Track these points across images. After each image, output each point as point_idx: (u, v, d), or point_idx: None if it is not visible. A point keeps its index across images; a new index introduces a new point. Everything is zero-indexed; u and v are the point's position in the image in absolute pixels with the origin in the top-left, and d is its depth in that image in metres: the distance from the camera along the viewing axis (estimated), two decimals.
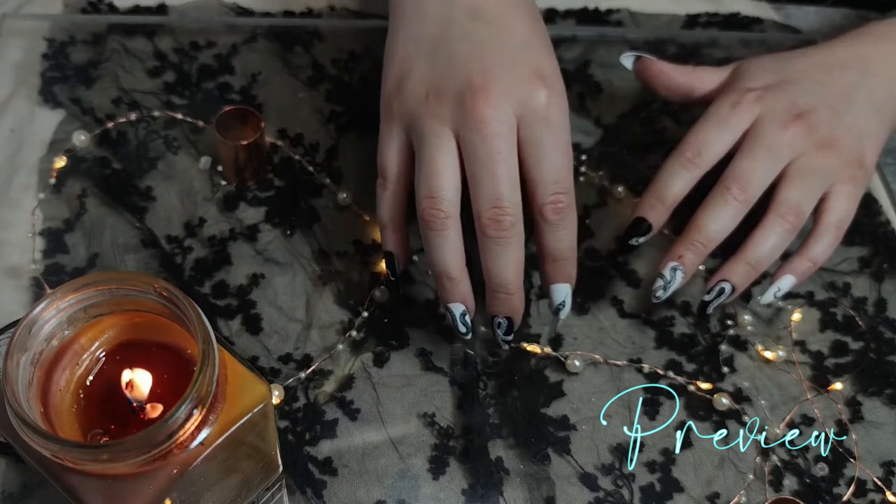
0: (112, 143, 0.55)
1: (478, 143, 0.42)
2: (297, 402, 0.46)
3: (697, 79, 0.53)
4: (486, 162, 0.42)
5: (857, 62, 0.51)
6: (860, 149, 0.50)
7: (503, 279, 0.44)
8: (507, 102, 0.43)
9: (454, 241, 0.44)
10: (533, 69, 0.44)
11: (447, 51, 0.45)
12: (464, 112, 0.43)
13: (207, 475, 0.32)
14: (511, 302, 0.45)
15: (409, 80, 0.45)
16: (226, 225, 0.52)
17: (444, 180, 0.43)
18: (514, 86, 0.43)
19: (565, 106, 0.45)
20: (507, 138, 0.43)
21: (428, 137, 0.44)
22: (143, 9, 0.62)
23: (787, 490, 0.46)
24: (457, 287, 0.45)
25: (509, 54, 0.44)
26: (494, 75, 0.43)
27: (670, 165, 0.50)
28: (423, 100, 0.44)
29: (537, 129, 0.43)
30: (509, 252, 0.43)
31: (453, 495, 0.44)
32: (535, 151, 0.44)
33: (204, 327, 0.30)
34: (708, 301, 0.49)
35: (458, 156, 0.43)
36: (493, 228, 0.43)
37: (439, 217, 0.43)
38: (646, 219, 0.49)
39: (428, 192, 0.43)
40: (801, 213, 0.48)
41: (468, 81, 0.43)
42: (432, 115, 0.44)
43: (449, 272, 0.44)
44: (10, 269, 0.49)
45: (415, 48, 0.46)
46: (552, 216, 0.44)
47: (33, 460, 0.30)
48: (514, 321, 0.45)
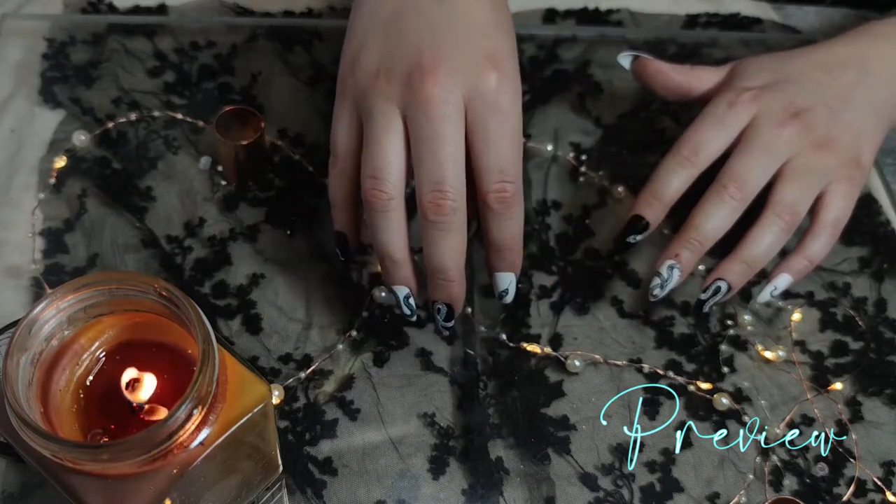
0: (112, 143, 0.55)
1: (423, 123, 0.42)
2: (297, 402, 0.46)
3: (695, 78, 0.53)
4: (430, 144, 0.41)
5: (855, 61, 0.51)
6: (857, 148, 0.50)
7: (442, 265, 0.43)
8: (454, 84, 0.42)
9: (397, 223, 0.43)
10: (485, 52, 0.43)
11: (401, 29, 0.44)
12: (411, 92, 0.42)
13: (207, 475, 0.32)
14: (450, 288, 0.44)
15: (362, 56, 0.44)
16: (226, 225, 0.52)
17: (388, 161, 0.42)
18: (464, 68, 0.42)
19: (517, 92, 0.44)
20: (453, 121, 0.42)
21: (375, 117, 0.43)
22: (143, 9, 0.62)
23: (787, 490, 0.46)
24: (399, 270, 0.44)
25: (462, 36, 0.43)
26: (444, 56, 0.42)
27: (667, 164, 0.50)
28: (374, 78, 0.43)
29: (485, 114, 0.42)
30: (449, 238, 0.42)
31: (453, 495, 0.44)
32: (481, 137, 0.42)
33: (204, 327, 0.30)
34: (704, 300, 0.49)
35: (406, 136, 0.43)
36: (433, 212, 0.42)
37: (381, 198, 0.42)
38: (643, 217, 0.50)
39: (372, 172, 0.43)
40: (796, 212, 0.48)
41: (417, 61, 0.42)
42: (381, 95, 0.43)
43: (391, 255, 0.44)
44: (10, 269, 0.49)
45: (371, 24, 0.45)
46: (496, 205, 0.43)
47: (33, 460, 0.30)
48: (454, 308, 0.45)
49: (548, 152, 0.58)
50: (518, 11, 0.65)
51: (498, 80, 0.42)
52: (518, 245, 0.45)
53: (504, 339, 0.49)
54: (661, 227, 0.54)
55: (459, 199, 0.42)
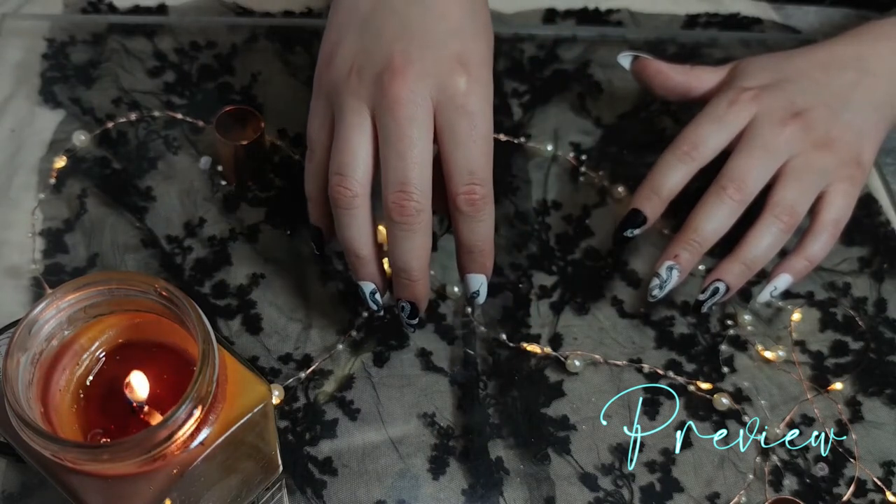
0: (112, 143, 0.55)
1: (390, 124, 0.42)
2: (297, 402, 0.46)
3: (695, 78, 0.53)
4: (397, 144, 0.42)
5: (855, 61, 0.51)
6: (858, 147, 0.50)
7: (405, 264, 0.43)
8: (423, 86, 0.42)
9: (362, 220, 0.43)
10: (456, 55, 0.43)
11: (376, 27, 0.44)
12: (380, 92, 0.42)
13: (207, 475, 0.32)
14: (413, 288, 0.44)
15: (338, 53, 0.45)
16: (226, 225, 0.52)
17: (354, 158, 0.43)
18: (434, 70, 0.42)
19: (487, 95, 0.44)
20: (421, 122, 0.42)
21: (345, 114, 0.43)
22: (143, 9, 0.62)
23: (787, 490, 0.46)
24: (365, 266, 0.45)
25: (436, 37, 0.43)
26: (414, 58, 0.42)
27: (666, 159, 0.50)
28: (346, 76, 0.43)
29: (453, 117, 0.42)
30: (413, 238, 0.43)
31: (453, 495, 0.44)
32: (450, 139, 0.42)
33: (204, 327, 0.30)
34: (703, 300, 0.49)
35: (374, 136, 0.43)
36: (397, 213, 0.42)
37: (346, 195, 0.43)
38: (641, 210, 0.50)
39: (338, 168, 0.43)
40: (796, 213, 0.48)
41: (389, 61, 0.42)
42: (352, 93, 0.43)
43: (357, 251, 0.44)
44: (10, 269, 0.49)
45: (347, 21, 0.45)
46: (465, 207, 0.43)
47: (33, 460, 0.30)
48: (419, 306, 0.45)
49: (548, 152, 0.58)
50: (518, 11, 0.65)
51: (467, 82, 0.42)
52: (488, 247, 0.45)
53: (504, 339, 0.49)
54: (661, 227, 0.54)
55: (424, 200, 0.42)
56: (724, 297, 0.49)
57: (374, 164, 0.43)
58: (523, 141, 0.58)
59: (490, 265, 0.46)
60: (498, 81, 0.61)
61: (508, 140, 0.58)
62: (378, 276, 0.45)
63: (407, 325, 0.46)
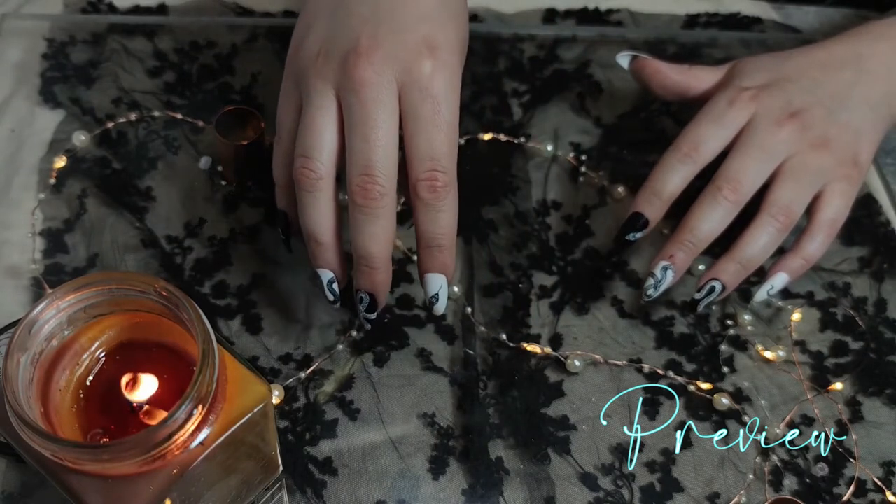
0: (112, 143, 0.55)
1: (355, 106, 0.41)
2: (297, 402, 0.46)
3: (694, 78, 0.53)
4: (361, 127, 0.41)
5: (853, 61, 0.51)
6: (855, 147, 0.50)
7: (367, 251, 0.42)
8: (389, 68, 0.42)
9: (325, 203, 0.43)
10: (424, 39, 0.42)
11: (346, 11, 0.44)
12: (344, 74, 0.42)
13: (207, 475, 0.32)
14: (374, 276, 0.43)
15: (308, 37, 0.44)
16: (226, 225, 0.52)
17: (319, 140, 0.42)
18: (400, 53, 0.42)
19: (452, 81, 0.43)
20: (385, 105, 0.41)
21: (311, 96, 0.43)
22: (143, 9, 0.62)
23: (787, 490, 0.46)
24: (325, 253, 0.44)
25: (404, 21, 0.43)
26: (382, 40, 0.42)
27: (667, 161, 0.50)
28: (314, 59, 0.43)
29: (417, 100, 0.42)
30: (376, 223, 0.42)
31: (453, 495, 0.44)
32: (413, 124, 0.42)
33: (204, 327, 0.30)
34: (698, 299, 0.49)
35: (340, 118, 0.43)
36: (360, 196, 0.41)
37: (310, 177, 0.42)
38: (642, 214, 0.50)
39: (302, 150, 0.43)
40: (792, 213, 0.48)
41: (355, 45, 0.42)
42: (318, 75, 0.43)
43: (317, 236, 0.43)
44: (10, 269, 0.49)
45: (321, 8, 0.45)
46: (425, 193, 0.42)
47: (33, 460, 0.30)
48: (378, 298, 0.44)
49: (548, 152, 0.58)
50: (518, 11, 0.65)
51: (433, 66, 0.42)
52: (449, 242, 0.44)
53: (504, 339, 0.49)
54: (661, 226, 0.54)
55: (389, 184, 0.42)
56: (719, 297, 0.49)
57: (339, 147, 0.43)
58: (523, 141, 0.58)
59: (451, 264, 0.44)
60: (498, 81, 0.61)
61: (508, 140, 0.58)
62: (337, 264, 0.44)
63: (364, 319, 0.45)
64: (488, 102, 0.60)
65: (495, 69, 0.62)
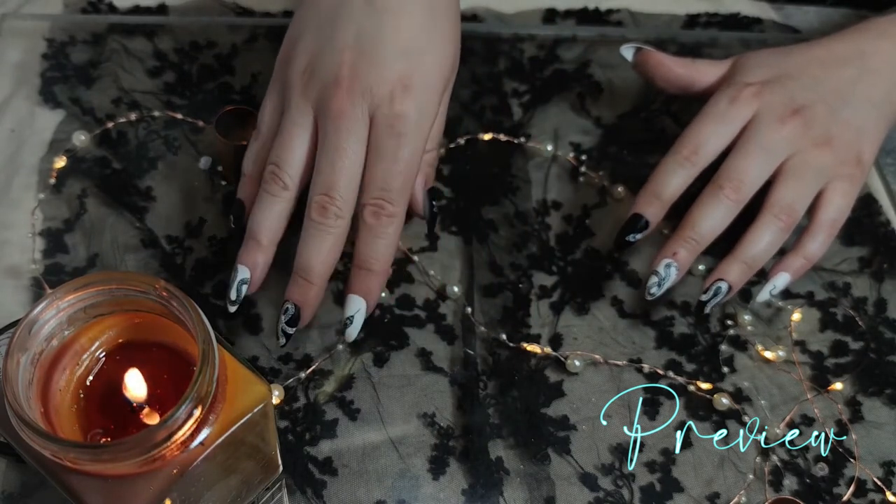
0: (112, 143, 0.55)
1: (329, 133, 0.44)
2: (297, 402, 0.46)
3: (697, 71, 0.54)
4: (331, 152, 0.44)
5: (855, 58, 0.51)
6: (858, 145, 0.50)
7: (308, 264, 0.44)
8: (364, 101, 0.44)
9: (280, 211, 0.45)
10: (401, 75, 0.44)
11: (333, 31, 0.45)
12: (324, 101, 0.44)
13: (207, 475, 0.32)
14: (307, 290, 0.44)
15: (296, 50, 0.46)
16: (226, 225, 0.52)
17: (291, 154, 0.45)
18: (375, 88, 0.44)
19: (419, 119, 0.45)
20: (357, 136, 0.44)
21: (291, 110, 0.45)
22: (143, 9, 0.62)
23: (787, 490, 0.46)
24: (256, 253, 0.45)
25: (384, 54, 0.45)
26: (359, 74, 0.44)
27: (668, 162, 0.50)
28: (300, 75, 0.46)
29: (382, 135, 0.44)
30: (324, 241, 0.44)
31: (453, 495, 0.44)
32: (374, 155, 0.44)
33: (204, 327, 0.30)
34: (705, 301, 0.49)
35: (314, 137, 0.45)
36: (317, 212, 0.44)
37: (277, 184, 0.45)
38: (643, 215, 0.50)
39: (275, 159, 0.45)
40: (795, 212, 0.48)
41: (336, 73, 0.44)
42: (301, 92, 0.45)
43: (258, 235, 0.45)
44: (10, 269, 0.49)
45: (310, 19, 0.47)
46: (369, 218, 0.44)
47: (33, 460, 0.30)
48: (303, 313, 0.45)
49: (548, 152, 0.58)
50: (518, 11, 0.65)
51: (402, 104, 0.44)
52: (381, 269, 0.45)
53: (504, 339, 0.49)
54: (661, 226, 0.54)
55: (346, 209, 0.44)
56: (726, 297, 0.49)
57: (309, 162, 0.45)
58: (523, 141, 0.58)
59: (375, 292, 0.45)
60: (498, 81, 0.61)
61: (508, 140, 0.58)
62: (260, 269, 0.45)
63: (282, 332, 0.45)
64: (488, 102, 0.60)
65: (495, 69, 0.62)
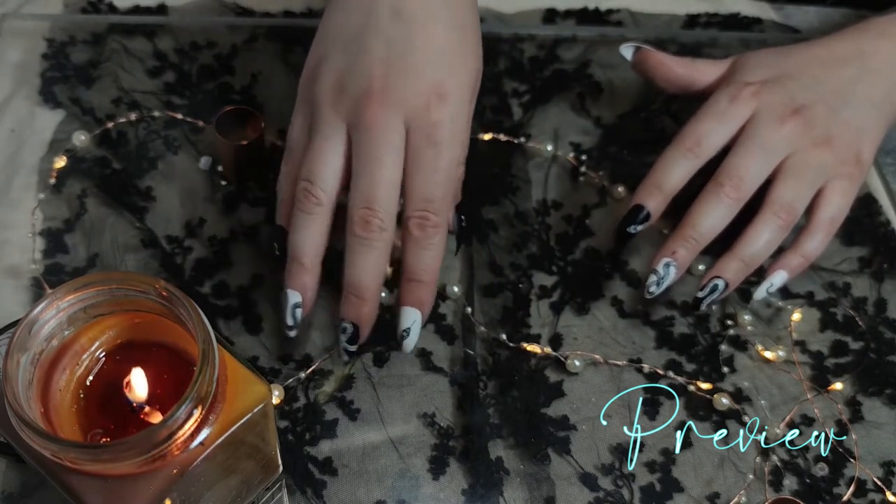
0: (112, 143, 0.55)
1: (364, 145, 0.43)
2: (297, 402, 0.46)
3: (696, 71, 0.54)
4: (367, 165, 0.43)
5: (855, 58, 0.51)
6: (857, 145, 0.50)
7: (358, 281, 0.44)
8: (399, 112, 0.44)
9: (318, 229, 0.44)
10: (434, 83, 0.44)
11: (361, 45, 0.45)
12: (357, 114, 0.44)
13: (207, 475, 0.32)
14: (361, 307, 0.44)
15: (323, 66, 0.46)
16: (226, 225, 0.52)
17: (324, 168, 0.44)
18: (410, 98, 0.44)
19: (457, 127, 0.45)
20: (393, 146, 0.43)
21: (322, 127, 0.45)
22: (143, 9, 0.62)
23: (787, 490, 0.46)
24: (303, 275, 0.45)
25: (415, 65, 0.44)
26: (392, 85, 0.44)
27: (669, 154, 0.50)
28: (329, 90, 0.45)
29: (421, 145, 0.44)
30: (371, 255, 0.43)
31: (453, 495, 0.44)
32: (414, 165, 0.44)
33: (204, 327, 0.30)
34: (701, 297, 0.49)
35: (347, 152, 0.44)
36: (360, 227, 0.43)
37: (311, 201, 0.44)
38: (644, 206, 0.50)
39: (307, 175, 0.44)
40: (794, 210, 0.48)
41: (368, 85, 0.44)
42: (332, 108, 0.45)
43: (300, 257, 0.44)
44: (10, 269, 0.49)
45: (336, 34, 0.46)
46: (415, 230, 0.44)
47: (33, 460, 0.30)
48: (361, 330, 0.45)
49: (548, 152, 0.58)
50: (518, 11, 0.65)
51: (438, 113, 0.44)
52: (430, 279, 0.45)
53: (504, 339, 0.49)
54: (661, 226, 0.54)
55: (388, 221, 0.43)
56: (722, 295, 0.49)
57: (343, 177, 0.45)
58: (523, 141, 0.58)
59: (428, 302, 0.46)
60: (498, 81, 0.61)
61: (508, 140, 0.58)
62: (310, 290, 0.45)
63: (345, 350, 0.45)
64: (488, 102, 0.60)
65: (495, 69, 0.62)
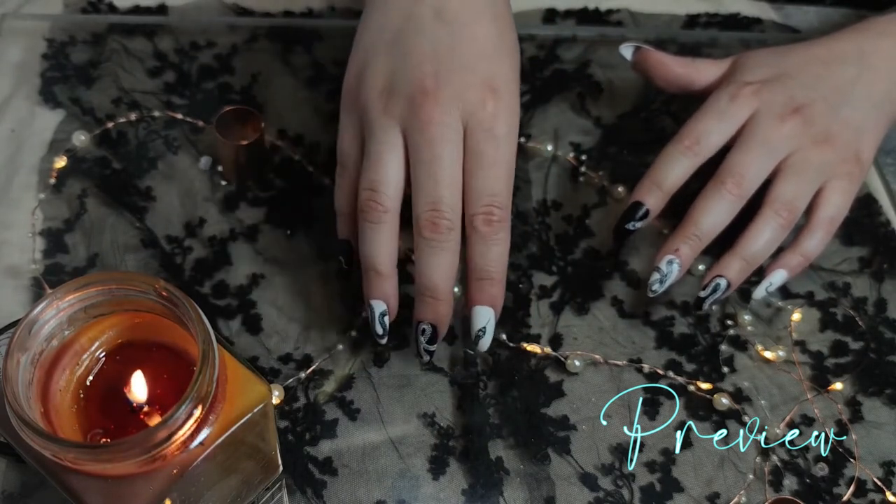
0: (112, 143, 0.55)
1: (422, 145, 0.43)
2: (297, 402, 0.46)
3: (696, 70, 0.54)
4: (428, 165, 0.43)
5: (855, 56, 0.51)
6: (857, 144, 0.50)
7: (431, 282, 0.43)
8: (455, 108, 0.43)
9: (388, 236, 0.44)
10: (486, 79, 0.44)
11: (406, 47, 0.45)
12: (412, 114, 0.43)
13: (207, 475, 0.32)
14: (437, 307, 0.44)
15: (368, 71, 0.45)
16: (226, 225, 0.52)
17: (385, 174, 0.44)
18: (464, 93, 0.43)
19: (513, 119, 0.45)
20: (452, 144, 0.43)
21: (376, 132, 0.44)
22: (143, 9, 0.62)
23: (787, 490, 0.46)
24: (382, 284, 0.44)
25: (464, 61, 0.44)
26: (445, 81, 0.43)
27: (669, 152, 0.50)
28: (378, 95, 0.44)
29: (480, 140, 0.43)
30: (442, 256, 0.43)
31: (453, 495, 0.44)
32: (475, 162, 0.44)
33: (204, 327, 0.30)
34: (704, 297, 0.49)
35: (405, 155, 0.44)
36: (428, 230, 0.43)
37: (377, 210, 0.44)
38: (643, 203, 0.50)
39: (369, 184, 0.44)
40: (795, 209, 0.48)
41: (420, 84, 0.43)
42: (383, 112, 0.44)
43: (377, 267, 0.44)
44: (10, 269, 0.49)
45: (377, 39, 0.46)
46: (482, 227, 0.44)
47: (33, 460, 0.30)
48: (439, 330, 0.45)
49: (548, 152, 0.58)
50: (518, 11, 0.65)
51: (495, 107, 0.44)
52: (500, 276, 0.45)
53: (504, 339, 0.49)
54: (661, 227, 0.54)
55: (455, 219, 0.43)
56: (725, 294, 0.49)
57: (404, 182, 0.44)
58: (523, 141, 0.58)
59: (499, 297, 0.45)
60: None
61: None
62: (392, 297, 0.45)
63: (424, 350, 0.45)
64: None
65: None
